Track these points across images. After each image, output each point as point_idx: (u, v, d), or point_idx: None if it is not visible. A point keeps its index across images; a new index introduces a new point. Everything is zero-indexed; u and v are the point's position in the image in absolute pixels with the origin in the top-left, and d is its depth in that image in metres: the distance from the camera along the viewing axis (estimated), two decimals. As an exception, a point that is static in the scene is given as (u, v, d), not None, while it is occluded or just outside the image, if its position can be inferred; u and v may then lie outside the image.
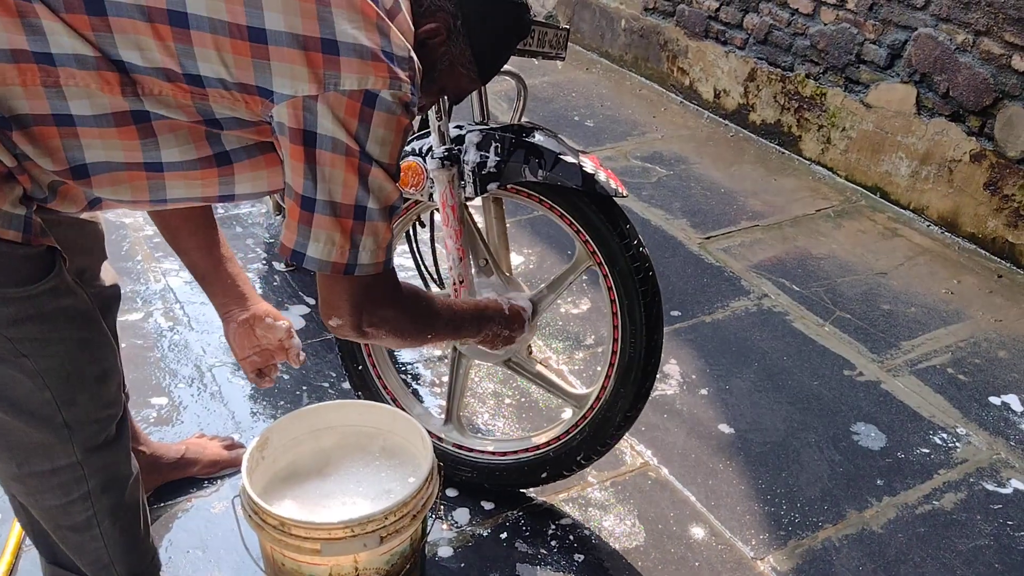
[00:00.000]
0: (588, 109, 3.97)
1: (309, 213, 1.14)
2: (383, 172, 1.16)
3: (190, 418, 2.11)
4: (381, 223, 1.18)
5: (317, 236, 1.15)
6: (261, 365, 1.62)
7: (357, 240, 1.17)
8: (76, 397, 1.23)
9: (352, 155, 1.12)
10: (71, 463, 1.26)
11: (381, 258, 1.20)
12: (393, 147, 1.16)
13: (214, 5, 1.06)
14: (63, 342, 1.20)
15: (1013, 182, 2.89)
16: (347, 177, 1.13)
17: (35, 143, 1.08)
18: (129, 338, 2.35)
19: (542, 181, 1.67)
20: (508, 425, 2.17)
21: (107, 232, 2.77)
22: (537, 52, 1.83)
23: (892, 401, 2.30)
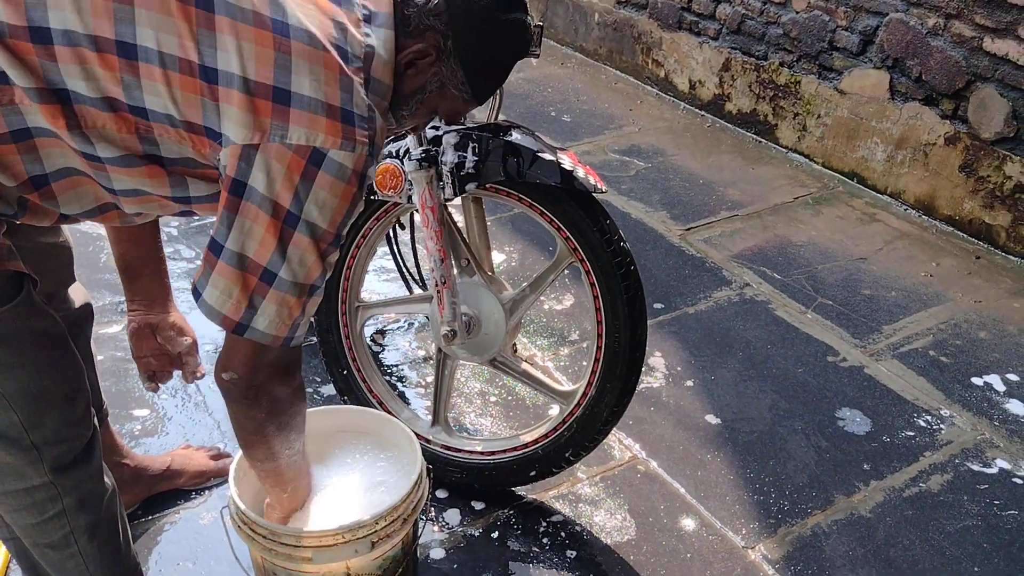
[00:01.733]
0: (564, 104, 3.97)
1: (215, 257, 1.09)
2: (311, 242, 1.08)
3: (175, 429, 2.10)
4: (291, 296, 1.10)
5: (216, 283, 1.09)
6: (156, 369, 1.62)
7: (257, 302, 1.10)
8: (43, 419, 1.22)
9: (277, 215, 1.05)
10: (43, 483, 1.25)
11: (283, 332, 1.13)
12: (335, 214, 1.08)
13: (165, 39, 1.02)
14: (30, 364, 1.18)
15: (988, 163, 2.92)
16: (265, 236, 1.06)
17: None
18: (110, 350, 2.33)
19: (521, 179, 1.66)
20: (496, 424, 2.16)
21: (84, 244, 2.75)
22: None
23: (876, 385, 2.32)
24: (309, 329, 2.44)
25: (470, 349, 1.86)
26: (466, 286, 1.82)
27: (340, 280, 1.90)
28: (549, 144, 1.71)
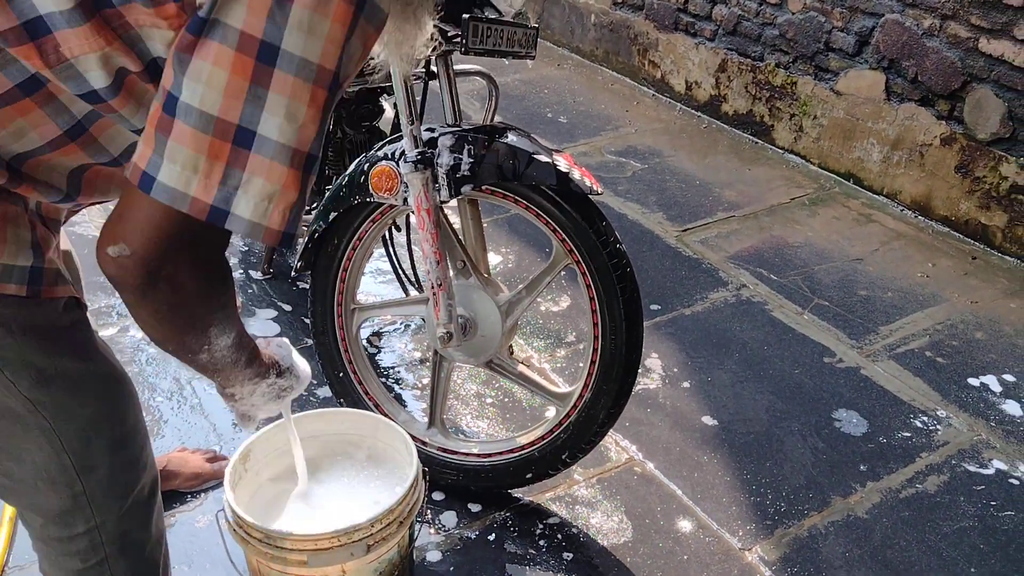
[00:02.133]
0: (561, 105, 3.97)
1: (169, 118, 0.80)
2: (299, 85, 0.80)
3: (171, 432, 2.09)
4: (280, 165, 0.81)
5: (174, 154, 0.80)
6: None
7: (234, 177, 0.81)
8: (96, 463, 1.11)
9: (247, 49, 0.78)
10: (89, 529, 1.15)
11: (276, 224, 0.84)
12: (328, 43, 0.80)
13: None
14: (85, 406, 1.08)
15: (984, 164, 2.92)
16: (231, 81, 0.78)
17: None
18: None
19: (516, 181, 1.66)
20: (492, 426, 2.16)
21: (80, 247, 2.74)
22: (507, 52, 1.82)
23: (872, 386, 2.32)
24: (306, 334, 2.44)
25: (466, 351, 1.85)
26: (462, 288, 1.81)
27: (336, 282, 1.90)
28: (545, 146, 1.71)
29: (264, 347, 1.22)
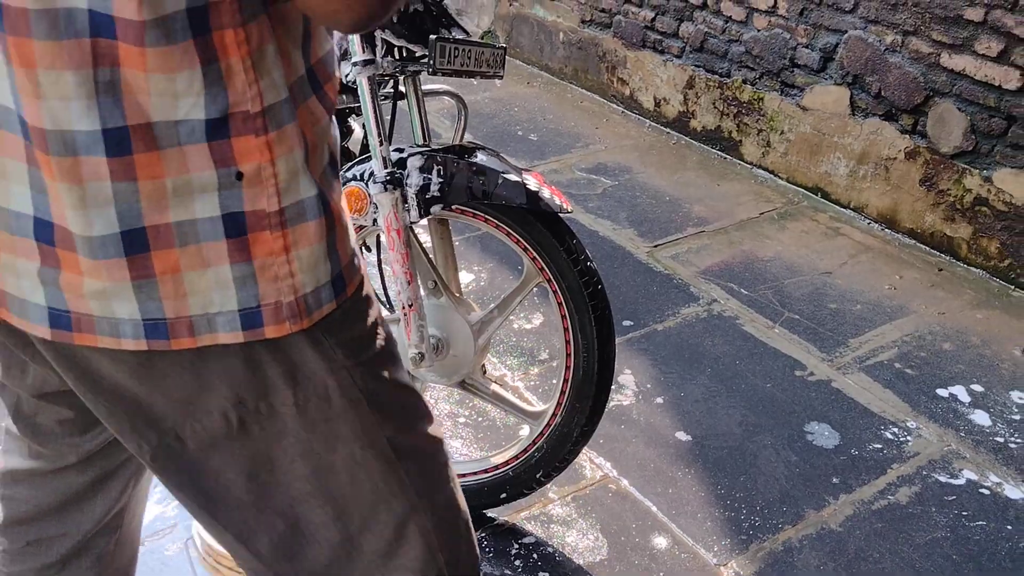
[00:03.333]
0: (531, 123, 3.98)
1: None
2: None
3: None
4: None
5: None
6: None
7: None
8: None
9: None
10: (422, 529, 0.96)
11: None
12: None
13: None
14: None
15: (947, 177, 2.96)
16: None
17: None
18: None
19: (486, 201, 1.66)
20: (465, 446, 2.15)
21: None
22: (475, 72, 1.82)
23: (843, 399, 2.34)
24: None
25: (439, 372, 1.85)
26: (433, 308, 1.81)
27: None
28: (514, 165, 1.71)
29: None
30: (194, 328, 0.79)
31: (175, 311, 0.78)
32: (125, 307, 0.78)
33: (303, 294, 0.82)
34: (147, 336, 0.78)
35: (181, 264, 0.77)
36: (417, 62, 1.82)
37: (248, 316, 0.79)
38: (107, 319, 0.78)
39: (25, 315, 0.81)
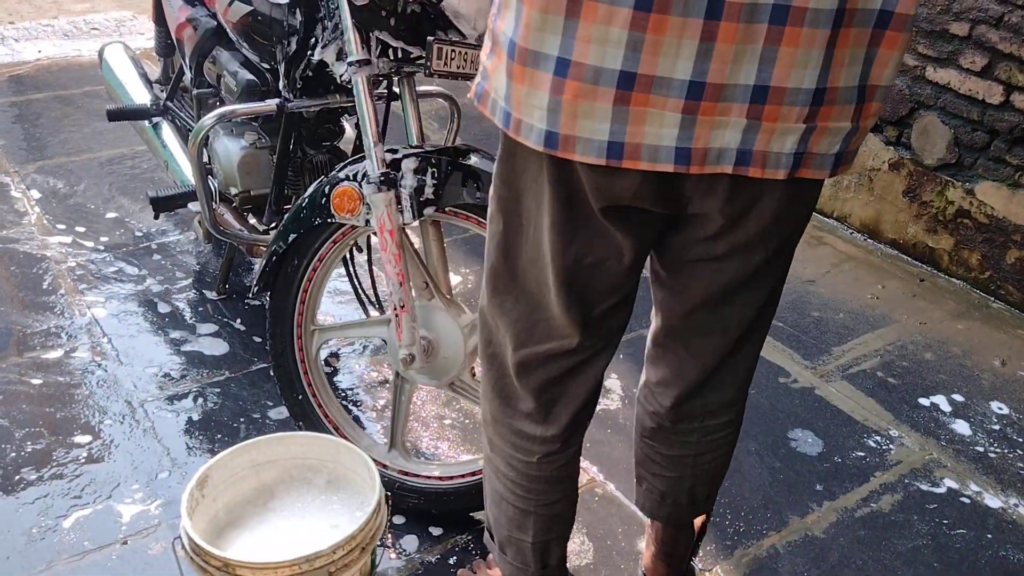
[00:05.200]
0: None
1: None
2: None
3: (122, 456, 2.04)
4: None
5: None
6: None
7: None
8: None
9: None
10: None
11: None
12: None
13: None
14: None
15: (930, 189, 3.00)
16: None
17: None
18: (54, 375, 2.26)
19: (480, 203, 1.66)
20: (453, 448, 2.15)
21: (26, 265, 2.67)
22: (471, 75, 1.82)
23: (827, 406, 2.36)
24: (262, 355, 2.38)
25: (429, 373, 1.84)
26: (424, 309, 1.80)
27: (296, 303, 1.87)
28: None
29: None
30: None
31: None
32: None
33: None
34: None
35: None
36: (413, 63, 1.82)
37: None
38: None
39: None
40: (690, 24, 0.95)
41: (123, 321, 2.50)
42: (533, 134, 1.05)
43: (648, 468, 1.60)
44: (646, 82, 0.98)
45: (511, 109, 1.07)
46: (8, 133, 3.54)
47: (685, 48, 0.96)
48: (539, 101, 1.03)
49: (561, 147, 1.04)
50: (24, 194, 3.10)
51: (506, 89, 1.06)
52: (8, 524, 1.84)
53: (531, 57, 1.01)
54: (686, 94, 0.99)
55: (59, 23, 4.72)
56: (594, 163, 1.04)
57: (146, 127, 2.62)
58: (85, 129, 3.63)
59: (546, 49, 1.00)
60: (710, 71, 0.97)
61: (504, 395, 1.37)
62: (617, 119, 1.01)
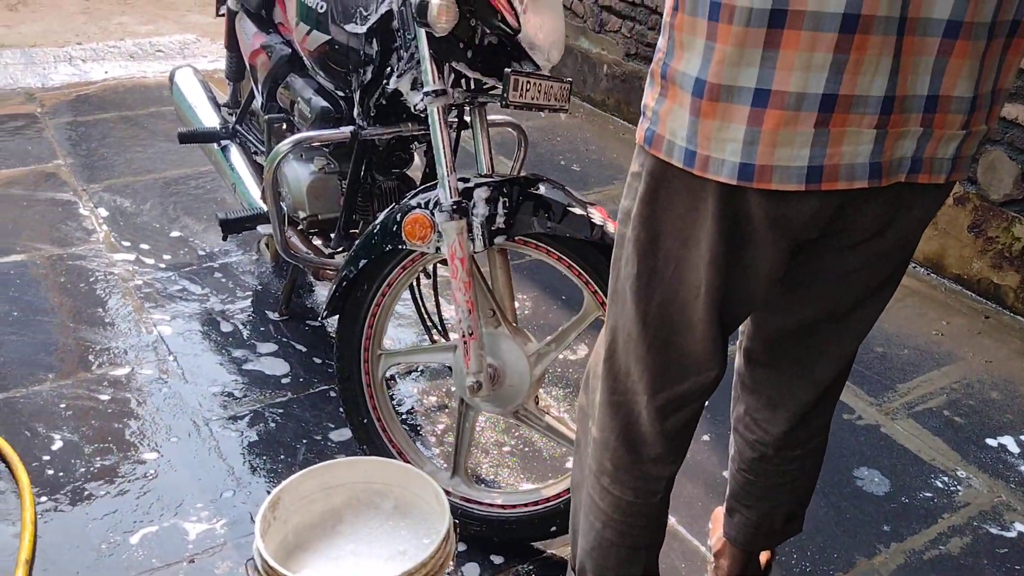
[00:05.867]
0: (573, 153, 4.00)
1: None
2: None
3: (187, 474, 2.06)
4: None
5: None
6: None
7: None
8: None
9: None
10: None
11: None
12: None
13: None
14: None
15: (996, 224, 2.95)
16: None
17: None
18: (121, 392, 2.30)
19: (551, 233, 1.67)
20: (512, 475, 2.14)
21: (95, 282, 2.73)
22: (544, 106, 1.84)
23: (893, 445, 2.31)
24: (323, 376, 2.37)
25: (494, 401, 1.84)
26: (491, 337, 1.81)
27: (364, 327, 1.89)
28: (579, 198, 1.72)
29: None
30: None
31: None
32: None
33: None
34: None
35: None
36: (486, 93, 1.84)
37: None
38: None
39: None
40: (887, 41, 0.99)
41: (187, 339, 2.54)
42: (725, 168, 1.06)
43: (744, 500, 1.58)
44: (846, 102, 1.01)
45: (696, 147, 1.08)
46: (76, 152, 3.64)
47: (883, 65, 1.00)
48: (733, 134, 1.04)
49: (757, 178, 1.05)
50: (92, 212, 3.17)
51: (689, 128, 1.07)
52: (78, 539, 1.87)
53: (725, 92, 1.03)
54: (880, 109, 1.03)
55: (125, 44, 4.84)
56: (792, 189, 1.05)
57: (215, 149, 2.67)
58: (150, 149, 3.71)
59: (742, 82, 1.02)
60: (898, 84, 1.02)
61: (631, 443, 1.34)
62: (817, 142, 1.03)
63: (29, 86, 4.28)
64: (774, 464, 1.51)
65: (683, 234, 1.15)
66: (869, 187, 1.07)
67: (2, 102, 4.09)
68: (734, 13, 1.00)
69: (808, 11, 0.97)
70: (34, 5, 5.68)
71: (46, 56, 4.61)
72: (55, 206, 3.20)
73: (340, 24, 1.92)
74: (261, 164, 2.64)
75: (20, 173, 3.43)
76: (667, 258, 1.18)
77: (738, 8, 0.99)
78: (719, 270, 1.15)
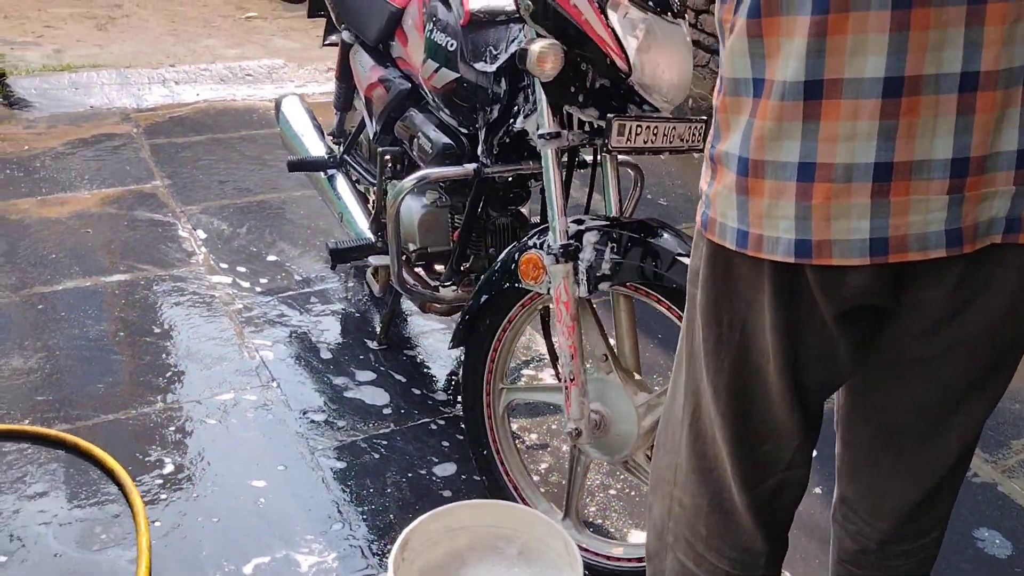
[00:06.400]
0: (659, 187, 3.97)
1: None
2: None
3: (296, 504, 2.07)
4: None
5: None
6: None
7: None
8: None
9: None
10: None
11: None
12: None
13: None
14: None
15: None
16: None
17: None
18: (229, 417, 2.32)
19: (657, 282, 1.64)
20: (620, 522, 2.11)
21: (197, 306, 2.76)
22: (660, 149, 1.79)
23: (1011, 505, 2.23)
24: (423, 408, 2.34)
25: (600, 448, 1.82)
26: (600, 383, 1.78)
27: (486, 361, 1.89)
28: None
29: None
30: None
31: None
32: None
33: None
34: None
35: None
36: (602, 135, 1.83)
37: None
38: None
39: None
40: (944, 101, 0.92)
41: (288, 365, 2.56)
42: (780, 246, 1.00)
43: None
44: (905, 169, 0.95)
45: (748, 227, 1.03)
46: (172, 173, 3.71)
47: (942, 126, 0.93)
48: (784, 211, 0.99)
49: (816, 254, 0.99)
50: (191, 234, 3.23)
51: (739, 208, 1.03)
52: (193, 567, 1.88)
53: (769, 168, 0.99)
54: (950, 173, 0.95)
55: (215, 68, 4.95)
56: (856, 264, 0.99)
57: (322, 178, 2.70)
58: (243, 172, 3.78)
59: (784, 157, 0.97)
60: (972, 144, 0.94)
61: (724, 511, 1.25)
62: (877, 213, 0.97)
63: (125, 106, 4.39)
64: (879, 559, 1.36)
65: (747, 297, 1.10)
66: (956, 254, 0.99)
67: (100, 121, 4.20)
68: (772, 88, 0.96)
69: (845, 79, 0.93)
70: (123, 25, 5.85)
71: (140, 77, 4.73)
72: (155, 226, 3.27)
73: (469, 63, 1.93)
74: (365, 194, 2.67)
75: (120, 192, 3.51)
76: (732, 322, 1.12)
77: (775, 83, 0.96)
78: (783, 336, 1.08)
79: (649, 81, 1.73)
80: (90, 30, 5.69)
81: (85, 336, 2.61)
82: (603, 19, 1.66)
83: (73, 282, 2.88)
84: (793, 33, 0.95)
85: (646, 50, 1.69)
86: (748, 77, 1.00)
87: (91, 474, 2.10)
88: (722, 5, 1.05)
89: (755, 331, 1.11)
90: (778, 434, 1.17)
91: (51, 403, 2.32)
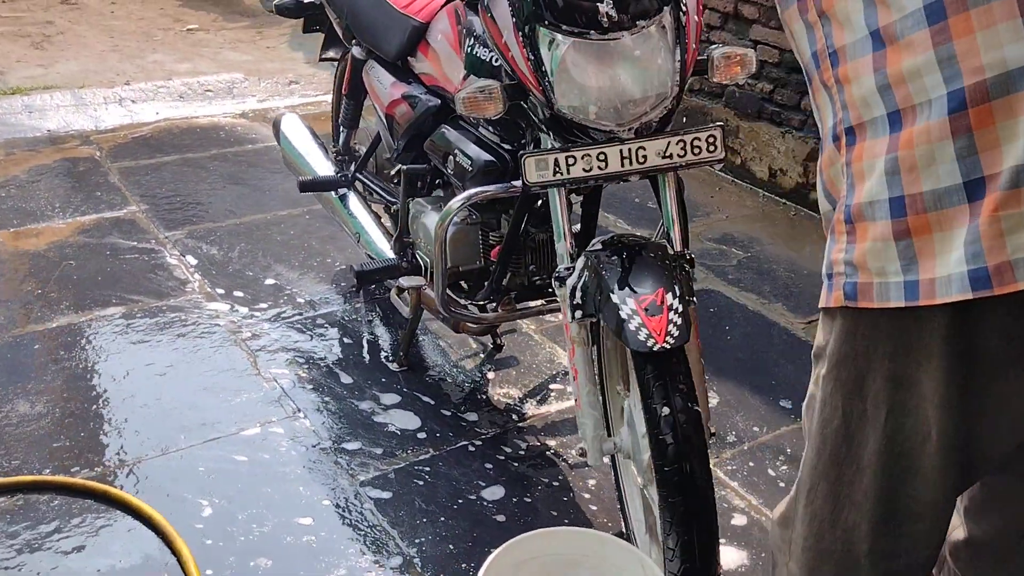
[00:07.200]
0: (645, 189, 3.94)
1: None
2: None
3: (349, 539, 1.99)
4: None
5: None
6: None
7: None
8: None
9: None
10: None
11: None
12: None
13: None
14: None
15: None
16: None
17: None
18: (258, 452, 2.23)
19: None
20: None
21: (201, 336, 2.64)
22: (633, 172, 1.75)
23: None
24: (458, 431, 2.27)
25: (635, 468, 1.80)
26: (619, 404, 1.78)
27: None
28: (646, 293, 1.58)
29: None
30: None
31: None
32: None
33: None
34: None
35: None
36: None
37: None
38: None
39: None
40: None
41: (309, 393, 2.47)
42: (954, 285, 0.89)
43: None
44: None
45: (917, 275, 0.92)
46: (146, 197, 3.56)
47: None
48: (955, 242, 0.89)
49: (996, 281, 0.87)
50: (180, 261, 3.10)
51: (903, 256, 0.93)
52: (255, 614, 1.79)
53: (930, 198, 0.91)
54: None
55: (173, 84, 4.78)
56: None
57: (333, 198, 2.62)
58: (221, 193, 3.65)
59: (945, 181, 0.90)
60: None
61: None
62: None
63: (83, 128, 4.20)
64: None
65: (895, 375, 0.98)
66: None
67: (60, 145, 4.01)
68: (916, 112, 0.90)
69: (988, 79, 0.87)
70: (60, 43, 5.59)
71: (95, 97, 4.53)
72: (140, 255, 3.13)
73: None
74: (377, 213, 2.60)
75: (95, 220, 3.35)
76: (876, 400, 1.00)
77: (918, 105, 0.90)
78: (952, 413, 0.95)
79: (578, 103, 1.68)
80: (27, 49, 5.43)
81: (90, 375, 2.48)
82: (524, 52, 1.64)
83: (66, 318, 2.73)
84: (916, 51, 0.90)
85: (564, 74, 1.65)
86: (882, 114, 0.94)
87: (127, 523, 1.99)
88: (819, 67, 1.01)
89: (906, 412, 0.99)
90: (922, 521, 1.05)
91: (69, 449, 2.19)
